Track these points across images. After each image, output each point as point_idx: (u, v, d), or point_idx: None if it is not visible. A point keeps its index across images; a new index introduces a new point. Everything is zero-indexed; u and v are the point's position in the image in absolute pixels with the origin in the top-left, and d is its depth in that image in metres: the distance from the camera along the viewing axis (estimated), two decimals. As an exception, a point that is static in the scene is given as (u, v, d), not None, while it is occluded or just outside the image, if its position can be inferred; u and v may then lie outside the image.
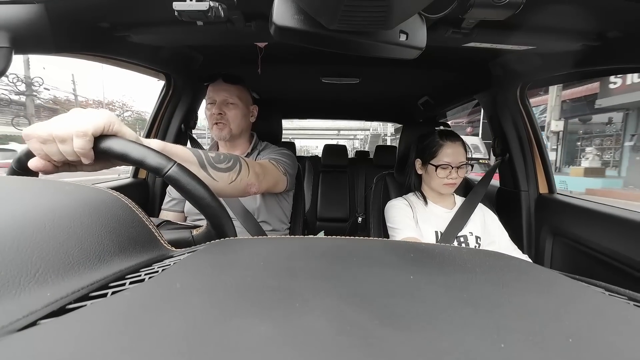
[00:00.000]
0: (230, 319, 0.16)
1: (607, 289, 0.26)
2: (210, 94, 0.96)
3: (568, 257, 1.04)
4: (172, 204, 1.00)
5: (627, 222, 0.82)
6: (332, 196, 2.28)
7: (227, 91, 0.95)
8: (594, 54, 0.76)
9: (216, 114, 0.93)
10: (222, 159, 0.62)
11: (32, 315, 0.16)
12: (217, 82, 0.96)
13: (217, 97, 0.95)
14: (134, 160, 0.39)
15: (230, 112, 0.95)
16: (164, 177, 0.38)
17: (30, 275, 0.19)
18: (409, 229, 0.91)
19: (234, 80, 0.97)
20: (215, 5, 0.49)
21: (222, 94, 0.95)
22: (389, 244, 0.32)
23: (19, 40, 0.58)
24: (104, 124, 0.39)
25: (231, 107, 0.95)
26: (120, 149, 0.39)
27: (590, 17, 0.62)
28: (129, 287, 0.20)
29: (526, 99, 1.14)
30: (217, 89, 0.95)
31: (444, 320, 0.17)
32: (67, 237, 0.23)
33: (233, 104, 0.95)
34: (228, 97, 0.95)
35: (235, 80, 0.97)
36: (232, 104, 0.95)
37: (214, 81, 0.96)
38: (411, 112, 2.09)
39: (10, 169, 0.42)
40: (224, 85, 0.95)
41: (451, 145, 0.94)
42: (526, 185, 1.18)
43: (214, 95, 0.95)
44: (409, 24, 0.44)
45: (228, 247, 0.29)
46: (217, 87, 0.95)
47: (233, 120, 0.95)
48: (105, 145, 0.39)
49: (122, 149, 0.39)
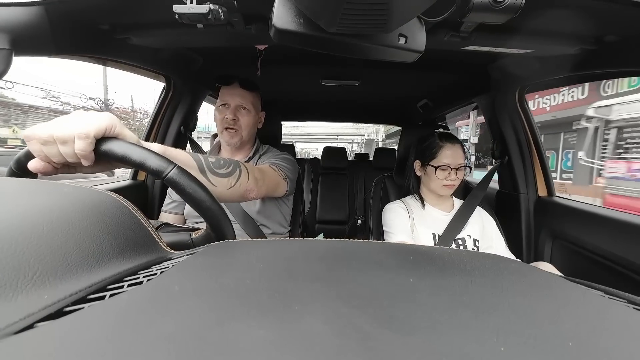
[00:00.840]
0: (229, 322, 0.16)
1: (606, 292, 0.25)
2: (224, 96, 0.95)
3: (567, 259, 1.04)
4: (172, 206, 1.00)
5: (626, 225, 0.82)
6: (331, 199, 2.28)
7: (242, 97, 0.94)
8: (591, 57, 0.76)
9: (230, 119, 0.92)
10: (221, 164, 0.62)
11: (29, 318, 0.16)
12: (233, 86, 0.95)
13: (232, 102, 0.94)
14: (134, 163, 0.39)
15: (244, 118, 0.94)
16: (165, 180, 0.38)
17: (27, 277, 0.19)
18: (402, 233, 0.92)
19: (250, 86, 0.96)
20: (215, 8, 0.50)
21: (237, 98, 0.94)
22: (388, 246, 0.32)
23: (19, 42, 0.58)
24: (106, 126, 0.39)
25: (244, 113, 0.94)
26: (121, 151, 0.39)
27: (587, 21, 0.63)
28: (127, 290, 0.20)
29: (525, 102, 1.15)
30: (233, 93, 0.94)
31: (443, 324, 0.17)
32: (65, 239, 0.22)
33: (247, 110, 0.95)
34: (243, 103, 0.94)
35: (252, 86, 0.96)
36: (246, 109, 0.95)
37: (230, 84, 0.95)
38: (410, 114, 2.10)
39: (9, 170, 0.42)
40: (240, 90, 0.94)
41: (450, 147, 0.94)
42: (525, 188, 1.18)
43: (228, 99, 0.94)
44: (408, 27, 0.44)
45: (227, 250, 0.29)
46: (233, 91, 0.94)
47: (245, 127, 0.95)
48: (107, 148, 0.39)
49: (123, 151, 0.39)
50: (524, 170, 1.18)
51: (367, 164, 2.44)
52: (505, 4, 0.43)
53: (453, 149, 0.94)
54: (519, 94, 1.13)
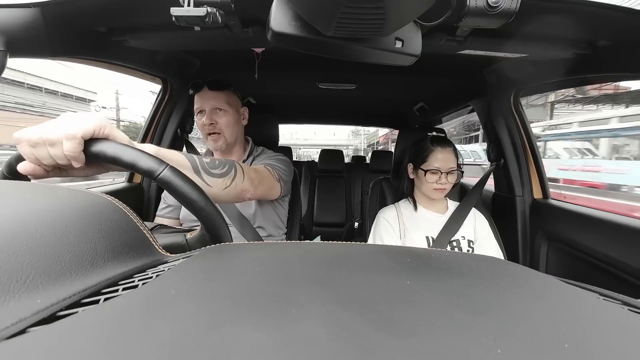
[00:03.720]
0: (225, 326, 0.16)
1: (601, 294, 0.26)
2: (198, 103, 0.93)
3: (563, 262, 1.05)
4: (168, 211, 0.99)
5: (621, 227, 0.83)
6: (328, 201, 2.28)
7: (214, 99, 0.92)
8: (584, 62, 0.77)
9: (207, 124, 0.91)
10: (216, 165, 0.62)
11: (21, 323, 0.16)
12: (203, 91, 0.93)
13: (206, 106, 0.92)
14: (125, 163, 0.38)
15: (221, 119, 0.92)
16: (157, 180, 0.38)
17: (20, 281, 0.18)
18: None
19: (219, 86, 0.94)
20: (212, 11, 0.50)
21: (210, 102, 0.92)
22: (385, 249, 0.32)
23: (15, 44, 0.57)
24: (94, 127, 0.38)
25: (221, 114, 0.93)
26: (112, 152, 0.38)
27: (580, 26, 0.64)
28: (122, 294, 0.20)
29: (520, 105, 1.16)
30: (204, 98, 0.92)
31: (440, 326, 0.17)
32: (60, 242, 0.22)
33: (223, 111, 0.93)
34: (216, 104, 0.92)
35: (221, 86, 0.94)
36: (221, 110, 0.93)
37: (200, 90, 0.93)
38: (407, 117, 2.11)
39: (0, 174, 0.41)
40: (211, 92, 0.92)
41: (441, 150, 0.95)
42: (521, 191, 1.19)
43: (202, 105, 0.92)
44: (404, 31, 0.44)
45: (223, 253, 0.29)
46: (204, 95, 0.93)
47: (226, 128, 0.93)
48: (96, 149, 0.38)
49: (114, 152, 0.38)
50: (520, 173, 1.19)
51: (364, 167, 2.45)
52: (500, 9, 0.43)
53: (444, 152, 0.95)
54: (514, 97, 1.14)
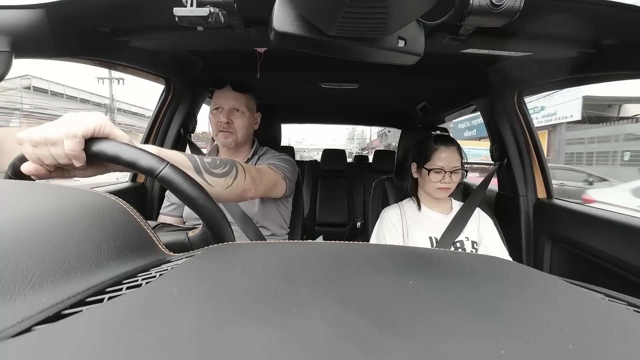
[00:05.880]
0: (228, 325, 0.16)
1: (606, 294, 0.25)
2: (217, 100, 0.95)
3: (567, 262, 1.04)
4: (171, 209, 1.00)
5: (626, 227, 0.82)
6: (331, 201, 2.28)
7: (235, 99, 0.94)
8: (589, 61, 0.77)
9: (224, 122, 0.93)
10: (218, 164, 0.62)
11: (27, 321, 0.16)
12: (226, 89, 0.95)
13: (225, 105, 0.94)
14: (126, 162, 0.38)
15: (238, 120, 0.94)
16: (157, 178, 0.38)
17: (25, 280, 0.18)
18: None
19: (243, 88, 0.96)
20: (215, 11, 0.50)
21: (230, 101, 0.94)
22: (387, 249, 0.32)
23: (20, 45, 0.58)
24: (95, 126, 0.39)
25: (238, 115, 0.95)
26: (112, 151, 0.39)
27: (585, 25, 0.63)
28: (125, 292, 0.20)
29: (524, 104, 1.15)
30: (225, 96, 0.94)
31: (443, 327, 0.17)
32: (64, 241, 0.22)
33: (241, 112, 0.95)
34: (236, 105, 0.94)
35: (244, 88, 0.96)
36: (239, 111, 0.95)
37: (222, 87, 0.95)
38: (410, 117, 2.10)
39: (5, 175, 0.42)
40: (233, 93, 0.95)
41: (445, 149, 0.94)
42: (525, 190, 1.18)
43: (222, 102, 0.94)
44: (407, 30, 0.44)
45: (226, 252, 0.29)
46: (225, 94, 0.95)
47: (240, 129, 0.95)
48: (97, 148, 0.39)
49: (114, 151, 0.38)
50: (523, 173, 1.18)
51: (367, 166, 2.45)
52: (504, 7, 0.43)
53: (448, 152, 0.94)
54: (518, 96, 1.13)
